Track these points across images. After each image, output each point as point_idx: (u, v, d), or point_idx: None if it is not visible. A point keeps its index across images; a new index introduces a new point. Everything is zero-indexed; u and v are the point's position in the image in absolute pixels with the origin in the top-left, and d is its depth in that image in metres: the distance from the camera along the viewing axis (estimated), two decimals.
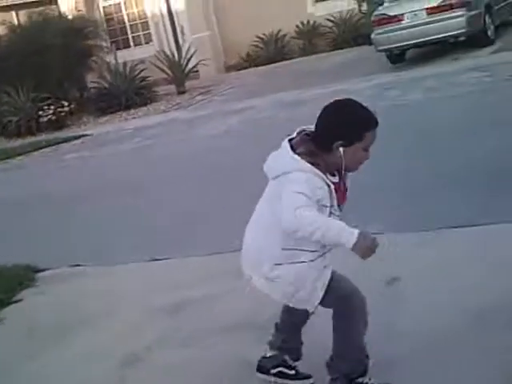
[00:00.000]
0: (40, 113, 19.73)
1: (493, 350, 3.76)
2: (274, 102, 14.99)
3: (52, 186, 11.37)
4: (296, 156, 3.37)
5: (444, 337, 3.97)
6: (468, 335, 3.96)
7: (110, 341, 4.95)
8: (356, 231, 3.23)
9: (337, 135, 3.38)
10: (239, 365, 4.16)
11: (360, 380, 3.58)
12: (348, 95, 3.52)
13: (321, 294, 3.48)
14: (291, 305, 3.61)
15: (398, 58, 15.98)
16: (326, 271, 3.49)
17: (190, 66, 21.84)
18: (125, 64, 21.08)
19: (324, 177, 3.36)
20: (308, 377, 3.79)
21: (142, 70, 20.95)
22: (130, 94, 20.53)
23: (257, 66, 23.35)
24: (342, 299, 3.51)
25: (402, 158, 7.94)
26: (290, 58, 22.98)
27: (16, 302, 6.12)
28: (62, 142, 17.48)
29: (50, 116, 19.76)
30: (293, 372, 3.78)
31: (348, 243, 3.22)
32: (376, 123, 3.43)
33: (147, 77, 21.17)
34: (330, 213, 3.40)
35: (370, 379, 3.59)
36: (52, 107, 19.88)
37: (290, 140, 3.47)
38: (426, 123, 9.54)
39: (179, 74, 21.69)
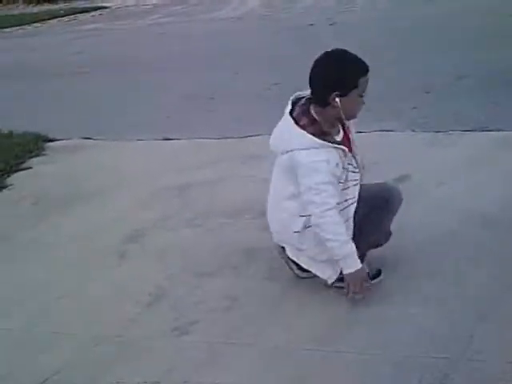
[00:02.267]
0: None
1: (492, 249, 3.79)
2: None
3: (66, 57, 11.25)
4: (304, 132, 3.35)
5: (447, 233, 3.98)
6: (470, 233, 3.97)
7: (115, 216, 4.98)
8: (359, 265, 3.36)
9: (331, 87, 3.35)
10: (241, 251, 4.18)
11: None
12: None
13: None
14: (315, 272, 3.60)
15: None
16: (347, 225, 3.44)
17: None
18: None
19: (334, 145, 3.37)
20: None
21: None
22: None
23: None
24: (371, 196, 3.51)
25: (423, 56, 7.81)
26: None
27: (24, 169, 6.14)
28: (80, 13, 17.23)
29: None
30: None
31: (345, 269, 3.38)
32: (367, 69, 3.39)
33: None
34: (346, 180, 3.43)
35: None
36: None
37: (291, 113, 3.45)
38: (452, 24, 9.34)
39: None
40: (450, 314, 3.31)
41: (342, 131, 3.51)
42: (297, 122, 3.39)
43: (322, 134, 3.36)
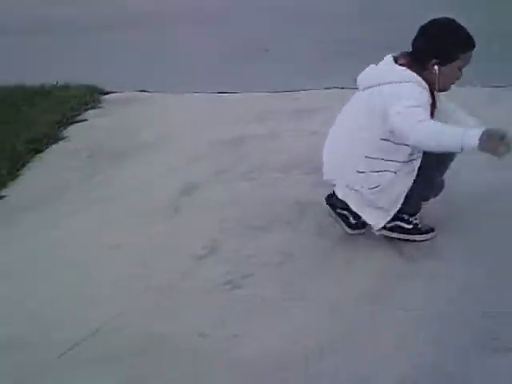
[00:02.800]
0: None
1: None
2: None
3: (118, 10, 11.17)
4: (404, 68, 3.38)
5: (500, 190, 3.97)
6: None
7: (169, 169, 5.02)
8: (477, 133, 3.05)
9: (435, 52, 3.37)
10: (293, 206, 4.20)
11: (406, 217, 3.64)
12: None
13: (399, 204, 3.50)
14: (364, 216, 3.61)
15: None
16: (409, 178, 3.46)
17: None
18: None
19: (428, 90, 3.37)
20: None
21: None
22: None
23: None
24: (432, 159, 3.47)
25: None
26: None
27: (80, 121, 6.20)
28: None
29: None
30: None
31: (473, 145, 3.06)
32: (474, 45, 3.40)
33: None
34: None
35: (415, 218, 3.67)
36: None
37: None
38: None
39: None
40: (499, 272, 3.31)
41: (430, 98, 3.46)
42: (395, 61, 3.43)
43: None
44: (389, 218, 3.56)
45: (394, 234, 3.67)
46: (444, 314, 3.11)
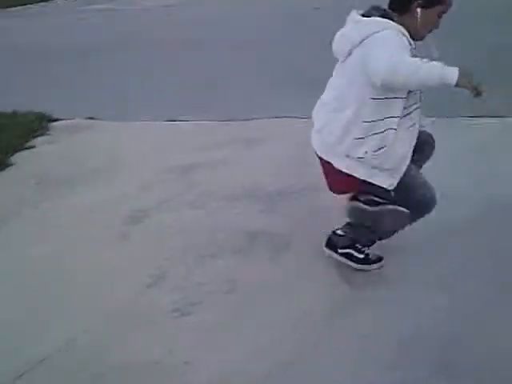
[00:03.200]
0: None
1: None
2: None
3: (70, 38, 11.22)
4: (376, 18, 3.24)
5: (457, 220, 4.03)
6: (479, 220, 4.03)
7: (117, 196, 4.99)
8: (456, 69, 3.01)
9: None
10: (240, 234, 4.20)
11: (359, 246, 3.65)
12: None
13: (407, 161, 3.38)
14: (375, 182, 3.41)
15: None
16: (411, 133, 3.37)
17: None
18: None
19: (408, 37, 3.24)
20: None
21: None
22: None
23: None
24: (410, 189, 3.42)
25: None
26: None
27: (28, 148, 6.14)
28: None
29: None
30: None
31: (452, 78, 3.00)
32: None
33: None
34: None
35: (368, 248, 3.68)
36: None
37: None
38: None
39: None
40: (456, 300, 3.35)
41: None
42: (365, 16, 3.30)
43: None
44: (401, 175, 3.39)
45: (345, 260, 3.68)
46: (396, 343, 3.12)
